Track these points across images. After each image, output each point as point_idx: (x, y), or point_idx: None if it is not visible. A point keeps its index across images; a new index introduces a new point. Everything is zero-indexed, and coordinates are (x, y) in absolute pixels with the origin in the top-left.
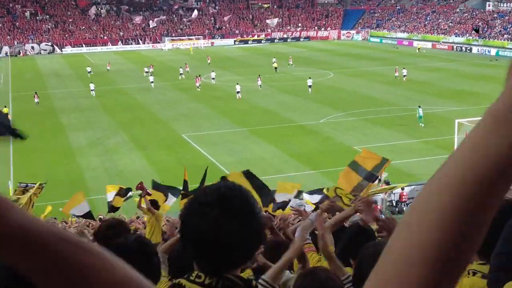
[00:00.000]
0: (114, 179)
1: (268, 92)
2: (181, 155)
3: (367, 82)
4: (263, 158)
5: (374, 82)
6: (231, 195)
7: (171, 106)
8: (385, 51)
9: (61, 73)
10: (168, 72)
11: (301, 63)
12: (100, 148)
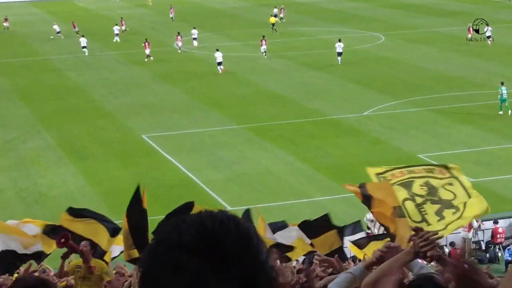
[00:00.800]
0: (33, 208)
1: (280, 67)
2: (142, 169)
3: (438, 51)
4: (272, 173)
5: (450, 51)
6: (222, 232)
7: (125, 89)
8: (468, 1)
9: None
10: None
11: (332, 19)
12: (10, 157)
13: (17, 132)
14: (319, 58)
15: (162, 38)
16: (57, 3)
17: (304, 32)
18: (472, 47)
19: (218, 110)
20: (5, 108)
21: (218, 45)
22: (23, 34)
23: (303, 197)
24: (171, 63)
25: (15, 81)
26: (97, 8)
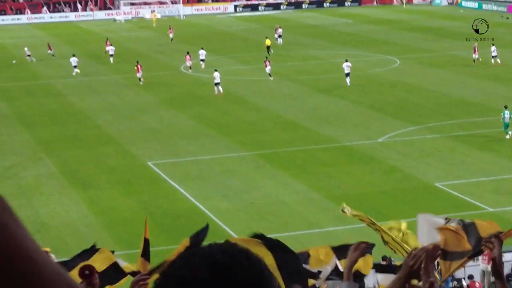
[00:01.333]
0: (35, 238)
1: (291, 91)
2: (147, 197)
3: (455, 75)
4: (283, 202)
5: (467, 75)
6: (234, 265)
7: (130, 115)
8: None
9: None
10: (125, 59)
11: (345, 42)
12: (10, 186)
13: (18, 158)
14: (332, 83)
15: (168, 61)
16: (60, 26)
17: (316, 55)
18: (490, 71)
19: (226, 136)
20: (6, 134)
21: (228, 68)
22: (25, 57)
23: (315, 227)
24: (177, 87)
25: (16, 106)
26: (101, 31)
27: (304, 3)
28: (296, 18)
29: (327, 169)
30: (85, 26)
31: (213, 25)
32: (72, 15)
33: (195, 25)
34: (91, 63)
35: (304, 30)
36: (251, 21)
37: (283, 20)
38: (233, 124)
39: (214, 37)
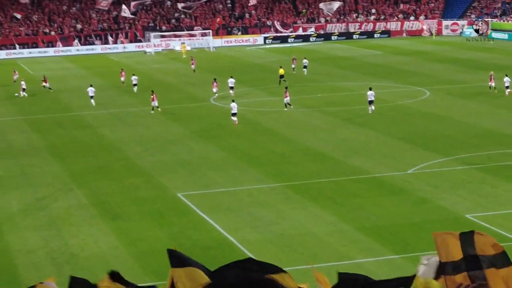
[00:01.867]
0: (64, 269)
1: (320, 123)
2: (177, 229)
3: (485, 106)
4: (312, 234)
5: (497, 106)
6: None
7: (161, 146)
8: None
9: None
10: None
11: (374, 73)
12: (41, 217)
13: (49, 190)
14: (361, 114)
15: (198, 93)
16: (91, 58)
17: (346, 86)
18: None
19: (256, 167)
20: (37, 166)
21: (257, 100)
22: (57, 90)
23: (344, 259)
24: (207, 118)
25: (47, 138)
26: (132, 63)
27: (333, 35)
28: (325, 49)
29: (356, 200)
30: (115, 59)
31: (243, 57)
32: (102, 48)
33: (225, 57)
34: (121, 94)
35: (333, 62)
36: (280, 53)
37: (313, 52)
38: (263, 156)
39: (243, 69)
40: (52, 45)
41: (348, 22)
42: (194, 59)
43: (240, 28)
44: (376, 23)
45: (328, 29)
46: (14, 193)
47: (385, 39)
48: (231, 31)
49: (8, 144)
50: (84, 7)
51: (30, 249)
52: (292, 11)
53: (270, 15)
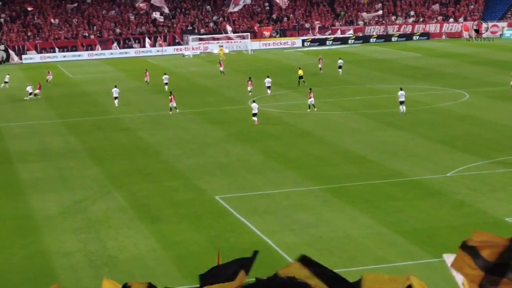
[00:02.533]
0: (102, 271)
1: (358, 125)
2: (215, 231)
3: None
4: (350, 237)
5: None
6: None
7: (198, 149)
8: None
9: (19, 95)
10: (193, 93)
11: (413, 75)
12: (80, 219)
13: (87, 193)
14: (400, 117)
15: (235, 96)
16: (130, 61)
17: (384, 89)
18: None
19: (294, 170)
20: (76, 168)
21: (296, 102)
22: (95, 92)
23: (383, 262)
24: (245, 121)
25: (86, 141)
26: (170, 66)
27: (372, 37)
28: (364, 52)
29: (395, 203)
30: (154, 62)
31: (281, 59)
32: (141, 51)
33: (263, 60)
34: (160, 98)
35: (372, 64)
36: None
37: (351, 54)
38: (300, 158)
39: (281, 71)
40: (91, 49)
41: (387, 25)
42: (222, 61)
43: (278, 31)
44: (415, 25)
45: (367, 31)
46: (52, 196)
47: (424, 41)
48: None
49: (46, 147)
50: (123, 10)
51: (69, 252)
52: (330, 13)
53: (308, 17)
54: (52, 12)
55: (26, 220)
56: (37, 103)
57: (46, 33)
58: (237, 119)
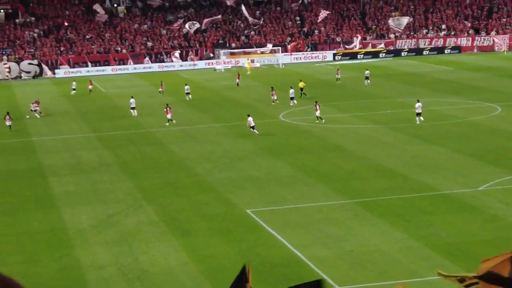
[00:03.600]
0: (134, 285)
1: (389, 139)
2: (246, 245)
3: None
4: (382, 251)
5: None
6: None
7: (229, 163)
8: None
9: (52, 109)
10: (224, 107)
11: (445, 89)
12: (112, 233)
13: (120, 206)
14: (431, 130)
15: (267, 109)
16: (162, 75)
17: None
18: None
19: (325, 184)
20: (109, 182)
21: (326, 116)
22: (127, 106)
23: (414, 276)
24: (276, 135)
25: (119, 154)
26: (201, 80)
27: (403, 51)
28: (395, 65)
29: (426, 217)
30: (186, 76)
31: (312, 73)
32: (173, 65)
33: (294, 74)
34: (192, 111)
35: (403, 78)
36: (349, 69)
37: (382, 68)
38: (332, 172)
39: (312, 85)
40: (124, 63)
41: (418, 38)
42: (240, 74)
43: (309, 45)
44: (447, 38)
45: (398, 45)
46: (85, 209)
47: (455, 54)
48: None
49: (79, 160)
50: (155, 25)
51: (101, 265)
52: (361, 27)
53: (339, 31)
54: (84, 26)
55: (59, 233)
56: (70, 117)
57: (79, 48)
58: (268, 132)
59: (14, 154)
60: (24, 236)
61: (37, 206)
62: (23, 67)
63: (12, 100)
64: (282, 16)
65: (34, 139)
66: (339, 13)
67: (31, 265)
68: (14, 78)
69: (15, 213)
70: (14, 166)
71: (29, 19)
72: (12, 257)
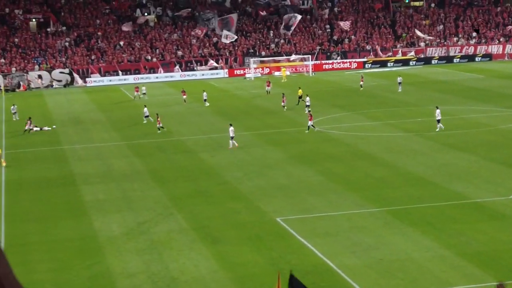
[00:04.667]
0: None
1: (420, 147)
2: (276, 253)
3: None
4: (412, 259)
5: None
6: None
7: (260, 171)
8: None
9: (84, 118)
10: (254, 116)
11: (476, 97)
12: (142, 241)
13: (150, 214)
14: (462, 138)
15: (297, 118)
16: (192, 83)
17: (446, 111)
18: None
19: (355, 192)
20: (139, 190)
21: (356, 124)
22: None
23: (445, 285)
24: (306, 143)
25: (149, 162)
26: (231, 88)
27: (433, 58)
28: (425, 73)
29: (457, 225)
30: (216, 84)
31: (342, 81)
32: (203, 73)
33: (324, 82)
34: (221, 120)
35: (433, 86)
36: (380, 77)
37: (412, 76)
38: (362, 180)
39: (342, 93)
40: (154, 71)
41: (449, 46)
42: (270, 81)
43: (339, 53)
44: (477, 46)
45: (428, 53)
46: (116, 217)
47: (486, 62)
48: (330, 56)
49: (110, 168)
50: (185, 33)
51: (132, 273)
52: (391, 35)
53: (369, 39)
54: (115, 36)
55: (90, 241)
56: (100, 125)
57: (110, 57)
58: (298, 140)
59: (45, 163)
60: (55, 244)
61: (68, 214)
62: (54, 76)
63: (43, 108)
64: (312, 24)
65: (65, 147)
66: (369, 21)
67: (62, 273)
68: (45, 87)
69: (46, 221)
70: (46, 174)
71: (60, 28)
72: (43, 264)
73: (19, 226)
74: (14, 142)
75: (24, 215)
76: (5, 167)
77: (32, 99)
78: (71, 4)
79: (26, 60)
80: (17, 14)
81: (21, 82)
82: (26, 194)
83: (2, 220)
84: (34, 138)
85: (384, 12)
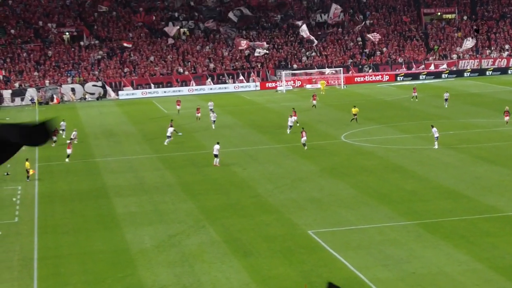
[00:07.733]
0: None
1: (452, 160)
2: (308, 266)
3: None
4: (445, 273)
5: None
6: None
7: (291, 184)
8: None
9: (116, 130)
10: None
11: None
12: (174, 253)
13: (182, 227)
14: (495, 151)
15: (329, 130)
16: (224, 96)
17: (479, 123)
18: None
19: (387, 205)
20: (171, 203)
21: (388, 137)
22: (190, 128)
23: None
24: (338, 156)
25: (180, 175)
26: (263, 101)
27: (465, 71)
28: (457, 86)
29: (490, 239)
30: (247, 97)
31: (373, 94)
32: (235, 86)
33: (355, 94)
34: (254, 132)
35: (465, 99)
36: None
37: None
38: (393, 193)
39: (374, 106)
40: (186, 84)
41: (481, 58)
42: (316, 95)
43: (371, 66)
44: (510, 59)
45: (460, 65)
46: (147, 229)
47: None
48: (362, 68)
49: (141, 181)
50: (217, 46)
51: (163, 285)
52: (423, 47)
53: (401, 52)
54: (148, 49)
55: (122, 254)
56: (133, 138)
57: (142, 69)
58: (330, 153)
59: (78, 175)
60: (87, 256)
61: (100, 226)
62: (87, 88)
63: (77, 121)
64: (344, 37)
65: (97, 160)
66: (401, 34)
67: (95, 285)
68: (78, 100)
69: (78, 233)
70: (78, 186)
71: (93, 42)
72: (76, 277)
73: (52, 238)
74: (47, 154)
75: (56, 227)
76: (38, 180)
77: (65, 112)
78: (104, 17)
79: (60, 73)
80: (50, 27)
81: (54, 95)
82: (58, 206)
83: (35, 233)
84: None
85: (416, 25)
